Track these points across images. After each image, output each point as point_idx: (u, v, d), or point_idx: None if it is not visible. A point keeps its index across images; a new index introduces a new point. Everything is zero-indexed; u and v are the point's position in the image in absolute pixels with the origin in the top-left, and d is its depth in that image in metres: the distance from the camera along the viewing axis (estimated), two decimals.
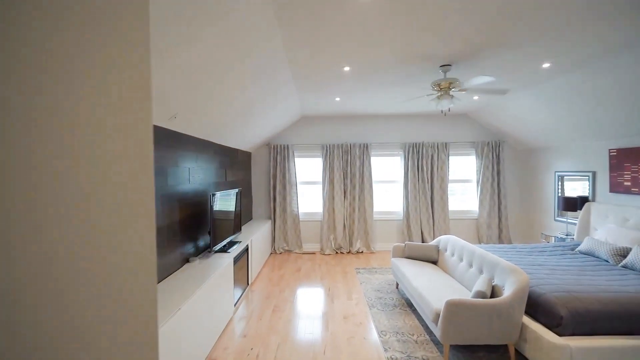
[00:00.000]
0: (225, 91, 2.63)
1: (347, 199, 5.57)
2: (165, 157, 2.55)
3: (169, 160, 2.62)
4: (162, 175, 2.49)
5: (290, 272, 4.56)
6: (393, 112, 5.44)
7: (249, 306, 3.39)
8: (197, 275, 2.60)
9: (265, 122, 4.36)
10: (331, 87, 3.79)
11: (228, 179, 4.31)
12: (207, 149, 3.50)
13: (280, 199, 5.60)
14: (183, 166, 2.88)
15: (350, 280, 4.18)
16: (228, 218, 3.60)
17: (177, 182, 2.77)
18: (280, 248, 5.60)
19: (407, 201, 5.62)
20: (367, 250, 5.60)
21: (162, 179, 2.49)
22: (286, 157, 5.56)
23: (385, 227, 5.77)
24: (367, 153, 5.57)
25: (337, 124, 5.67)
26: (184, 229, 2.88)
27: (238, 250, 3.47)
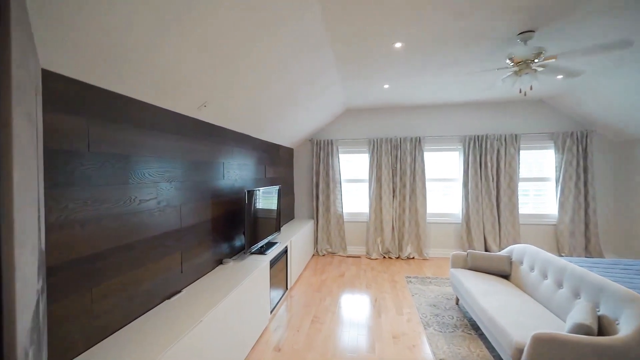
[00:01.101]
0: (260, 77, 2.36)
1: (396, 198, 5.05)
2: (195, 150, 2.36)
3: (200, 153, 2.43)
4: (192, 170, 2.31)
5: (333, 277, 4.21)
6: (450, 101, 4.78)
7: (286, 314, 3.11)
8: (229, 278, 2.38)
9: (306, 115, 4.07)
10: (379, 72, 3.34)
11: (268, 176, 4.10)
12: (243, 143, 3.29)
13: (323, 198, 5.28)
14: (216, 161, 2.69)
15: (400, 291, 3.69)
16: (266, 217, 3.36)
17: (210, 177, 2.58)
18: (323, 250, 5.28)
19: (467, 202, 4.91)
20: (419, 256, 5.01)
21: (192, 173, 2.31)
22: (330, 153, 5.22)
23: (440, 231, 5.12)
24: (420, 148, 4.98)
25: (385, 117, 5.17)
26: (217, 228, 2.69)
27: (276, 251, 3.21)
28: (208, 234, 2.53)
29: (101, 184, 1.50)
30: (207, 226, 2.52)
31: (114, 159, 1.58)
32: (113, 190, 1.57)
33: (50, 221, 1.25)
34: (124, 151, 1.64)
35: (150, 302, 1.84)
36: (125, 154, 1.66)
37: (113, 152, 1.57)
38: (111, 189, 1.56)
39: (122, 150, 1.63)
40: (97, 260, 1.47)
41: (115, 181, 1.58)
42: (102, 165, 1.50)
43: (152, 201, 1.86)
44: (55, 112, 1.27)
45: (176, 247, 2.10)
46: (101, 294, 1.49)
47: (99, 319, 1.47)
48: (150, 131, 1.85)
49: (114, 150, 1.58)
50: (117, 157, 1.60)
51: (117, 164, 1.60)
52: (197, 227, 2.37)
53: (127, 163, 1.67)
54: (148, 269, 1.82)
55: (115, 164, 1.58)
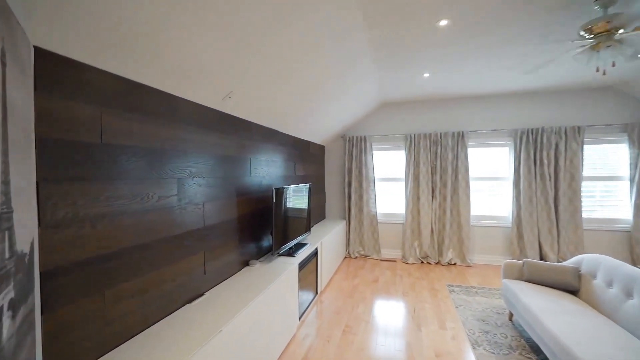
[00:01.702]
0: (288, 65, 2.17)
1: (435, 199, 4.64)
2: (220, 144, 2.22)
3: (226, 148, 2.30)
4: (217, 166, 2.17)
5: (366, 282, 3.93)
6: (499, 90, 4.28)
7: (316, 321, 2.90)
8: (255, 281, 2.22)
9: (338, 109, 3.83)
10: (418, 57, 3.02)
11: (297, 174, 3.92)
12: (271, 138, 3.14)
13: (355, 198, 5.01)
14: (243, 156, 2.55)
15: (441, 301, 3.33)
16: (296, 217, 3.18)
17: (236, 174, 2.44)
18: (356, 252, 5.01)
19: (519, 204, 4.38)
20: (462, 262, 4.57)
21: (217, 169, 2.17)
22: (363, 150, 4.94)
23: (486, 235, 4.63)
24: (463, 143, 4.53)
25: (424, 110, 4.78)
26: (243, 227, 2.54)
27: (306, 253, 3.01)
28: (233, 234, 2.39)
29: (115, 179, 1.38)
30: (233, 225, 2.38)
31: (129, 152, 1.46)
32: (129, 185, 1.45)
33: (57, 218, 1.14)
34: (140, 143, 1.52)
35: (169, 306, 1.71)
36: (143, 146, 1.54)
37: (128, 145, 1.45)
38: (126, 184, 1.44)
39: (139, 143, 1.51)
40: (111, 260, 1.36)
41: (131, 176, 1.46)
42: (116, 158, 1.39)
43: (172, 198, 1.74)
44: (61, 99, 1.16)
45: (199, 247, 1.97)
46: (115, 297, 1.37)
47: (112, 324, 1.36)
48: (171, 123, 1.73)
49: (130, 142, 1.46)
50: (133, 149, 1.48)
51: (133, 157, 1.48)
52: (222, 226, 2.23)
53: (144, 157, 1.55)
54: (168, 270, 1.70)
55: (131, 158, 1.47)
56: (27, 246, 0.79)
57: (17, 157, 0.76)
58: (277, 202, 2.69)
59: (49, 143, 1.12)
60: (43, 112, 1.10)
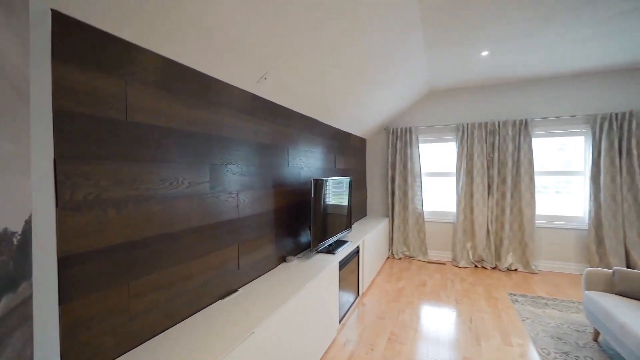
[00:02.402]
0: (328, 45, 1.96)
1: (492, 196, 4.13)
2: (256, 131, 2.08)
3: (262, 135, 2.15)
4: (252, 153, 2.03)
5: (413, 285, 3.59)
6: (572, 69, 3.66)
7: (357, 325, 2.66)
8: (292, 279, 2.04)
9: (382, 96, 3.54)
10: (476, 31, 2.62)
11: (338, 167, 3.70)
12: (310, 128, 2.95)
13: (400, 194, 4.65)
14: (280, 145, 2.39)
15: (503, 312, 2.88)
16: (336, 212, 2.96)
17: (273, 163, 2.28)
18: (400, 253, 4.65)
19: (598, 202, 3.72)
20: (525, 268, 4.00)
21: (252, 156, 2.03)
22: (408, 143, 4.56)
23: (554, 238, 4.01)
24: (526, 132, 3.97)
25: (478, 97, 4.28)
26: (280, 221, 2.38)
27: (346, 251, 2.78)
28: (269, 228, 2.23)
29: (141, 160, 1.27)
30: (269, 218, 2.23)
31: (157, 133, 1.34)
32: (156, 168, 1.34)
33: (77, 199, 1.04)
34: (169, 124, 1.40)
35: (199, 302, 1.59)
36: (172, 127, 1.42)
37: (156, 125, 1.34)
38: (154, 166, 1.32)
39: (167, 122, 1.39)
40: (136, 250, 1.25)
41: (159, 158, 1.35)
42: (142, 138, 1.28)
43: (204, 185, 1.61)
44: (82, 70, 1.06)
45: (232, 240, 1.83)
46: (140, 290, 1.26)
47: (136, 319, 1.25)
48: (203, 104, 1.61)
49: (157, 121, 1.34)
50: (161, 130, 1.36)
51: (161, 138, 1.36)
52: (257, 218, 2.08)
53: (174, 138, 1.43)
54: (198, 262, 1.58)
55: (159, 139, 1.35)
56: (19, 224, 0.66)
57: (4, 120, 0.63)
58: (316, 194, 2.49)
59: (68, 117, 1.02)
60: (61, 83, 1.00)
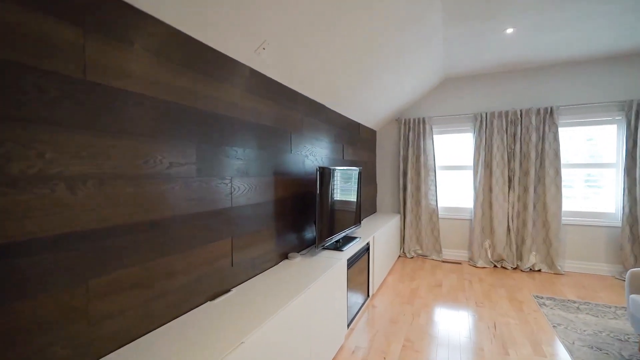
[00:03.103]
0: (336, 14, 1.71)
1: (513, 190, 3.82)
2: (255, 110, 1.84)
3: (262, 115, 1.91)
4: (250, 134, 1.79)
5: (427, 286, 3.31)
6: (603, 51, 3.33)
7: (368, 330, 2.40)
8: (295, 278, 1.79)
9: (395, 82, 3.26)
10: (503, 6, 2.33)
11: (346, 158, 3.44)
12: (317, 113, 2.70)
13: (412, 189, 4.37)
14: (282, 129, 2.14)
15: (530, 316, 2.59)
16: (344, 205, 2.71)
17: (274, 148, 2.04)
18: (412, 251, 4.37)
19: (633, 197, 3.37)
20: (550, 269, 3.68)
21: (250, 138, 1.79)
22: (421, 134, 4.28)
23: (583, 236, 3.68)
24: (552, 121, 3.64)
25: (498, 83, 3.97)
26: (282, 213, 2.14)
27: (355, 248, 2.52)
28: (269, 220, 1.99)
29: (105, 130, 1.04)
30: (268, 210, 1.99)
31: (130, 100, 1.11)
32: (127, 141, 1.11)
33: (12, 173, 0.81)
34: (144, 89, 1.17)
35: (184, 304, 1.36)
36: (149, 95, 1.19)
37: (126, 89, 1.11)
38: (124, 139, 1.09)
39: (142, 88, 1.16)
40: (98, 240, 1.02)
41: (130, 130, 1.12)
42: (109, 104, 1.05)
43: (189, 167, 1.38)
44: (28, 9, 0.83)
45: (225, 232, 1.60)
46: (103, 290, 1.03)
47: (97, 326, 1.02)
48: (189, 72, 1.37)
49: (128, 85, 1.11)
50: (134, 97, 1.13)
51: (134, 107, 1.13)
52: (255, 209, 1.85)
53: (150, 108, 1.20)
54: (182, 257, 1.34)
55: (131, 107, 1.12)
56: None
57: None
58: (322, 185, 2.24)
59: (1, 64, 0.79)
60: None
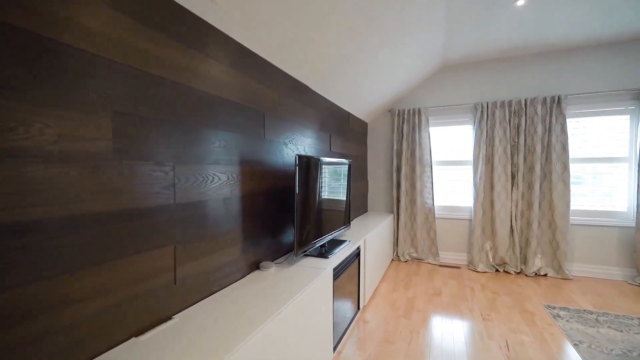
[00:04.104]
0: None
1: (517, 187, 3.49)
2: (213, 79, 1.42)
3: (224, 87, 1.49)
4: (203, 107, 1.37)
5: (425, 295, 2.93)
6: (616, 35, 3.02)
7: (359, 354, 2.00)
8: (264, 296, 1.38)
9: (389, 67, 2.88)
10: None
11: (333, 150, 3.04)
12: (298, 94, 2.29)
13: (407, 186, 4.00)
14: (253, 108, 1.73)
15: (545, 332, 2.24)
16: (331, 204, 2.31)
17: (242, 131, 1.62)
18: (406, 254, 4.00)
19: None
20: (557, 274, 3.36)
21: (202, 113, 1.37)
22: (416, 126, 3.91)
23: (591, 237, 3.37)
24: (559, 111, 3.33)
25: (501, 70, 3.63)
26: (253, 212, 1.73)
27: (344, 253, 2.12)
28: (234, 221, 1.57)
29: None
30: (233, 208, 1.57)
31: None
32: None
33: None
34: (40, 29, 0.74)
35: (88, 346, 0.92)
36: (47, 36, 0.76)
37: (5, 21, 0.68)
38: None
39: (38, 28, 0.73)
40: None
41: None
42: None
43: (99, 144, 0.95)
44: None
45: (163, 239, 1.17)
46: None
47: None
48: (111, 11, 0.94)
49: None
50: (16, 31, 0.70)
51: (8, 45, 0.70)
52: (213, 207, 1.42)
53: (22, 50, 0.77)
54: (92, 276, 0.91)
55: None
56: None
57: None
58: (304, 178, 1.83)
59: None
60: None
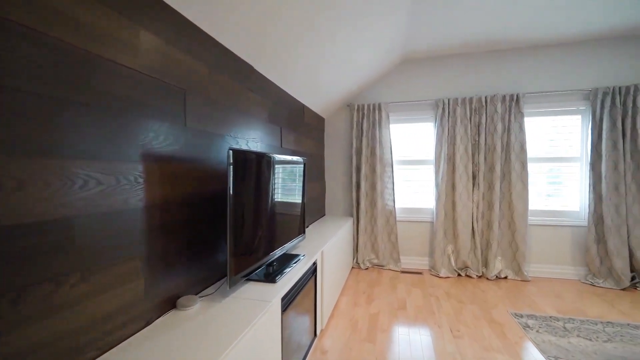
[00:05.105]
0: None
1: (478, 188, 3.36)
2: (97, 33, 0.90)
3: (117, 50, 0.97)
4: (73, 67, 0.85)
5: (389, 309, 2.63)
6: (571, 35, 3.01)
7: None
8: (177, 354, 0.90)
9: (347, 58, 2.52)
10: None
11: (285, 146, 2.60)
12: (237, 72, 1.81)
13: (366, 187, 3.71)
14: (166, 83, 1.22)
15: (519, 347, 2.03)
16: (282, 210, 1.87)
17: (147, 113, 1.11)
18: (367, 261, 3.70)
19: (598, 194, 3.12)
20: (516, 275, 3.29)
21: (73, 83, 0.85)
22: (377, 123, 3.63)
23: (547, 237, 3.36)
24: (518, 110, 3.26)
25: (463, 65, 3.49)
26: (168, 229, 1.22)
27: (297, 273, 1.69)
28: (134, 243, 1.06)
29: None
30: (130, 225, 1.05)
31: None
32: None
33: None
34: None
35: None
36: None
37: None
38: None
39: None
40: None
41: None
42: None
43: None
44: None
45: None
46: None
47: None
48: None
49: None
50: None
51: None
52: (83, 226, 0.90)
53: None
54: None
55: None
56: None
57: None
58: (241, 178, 1.37)
59: None
60: None
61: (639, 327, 2.25)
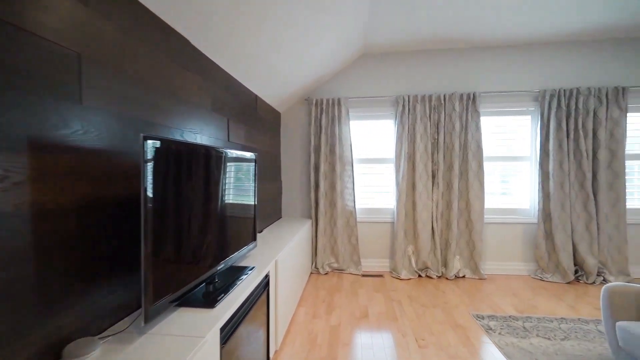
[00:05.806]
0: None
1: (437, 187, 3.32)
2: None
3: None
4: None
5: (350, 319, 2.43)
6: (523, 36, 3.09)
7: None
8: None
9: (303, 48, 2.27)
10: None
11: (233, 140, 2.27)
12: (166, 47, 1.46)
13: (326, 187, 3.49)
14: (50, 42, 0.86)
15: (484, 353, 1.94)
16: (224, 216, 1.55)
17: (29, 84, 0.75)
18: (326, 265, 3.49)
19: (546, 192, 3.24)
20: (474, 274, 3.30)
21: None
22: (336, 119, 3.43)
23: (500, 235, 3.43)
24: (474, 109, 3.27)
25: (423, 62, 3.43)
26: (54, 245, 0.86)
27: (244, 291, 1.39)
28: (17, 267, 0.70)
29: None
30: (17, 242, 0.69)
31: None
32: None
33: None
34: None
35: None
36: None
37: None
38: None
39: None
40: None
41: None
42: None
43: None
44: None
45: None
46: None
47: None
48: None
49: None
50: None
51: None
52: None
53: None
54: None
55: None
56: None
57: None
58: (164, 176, 1.05)
59: None
60: None
61: (588, 322, 2.31)
